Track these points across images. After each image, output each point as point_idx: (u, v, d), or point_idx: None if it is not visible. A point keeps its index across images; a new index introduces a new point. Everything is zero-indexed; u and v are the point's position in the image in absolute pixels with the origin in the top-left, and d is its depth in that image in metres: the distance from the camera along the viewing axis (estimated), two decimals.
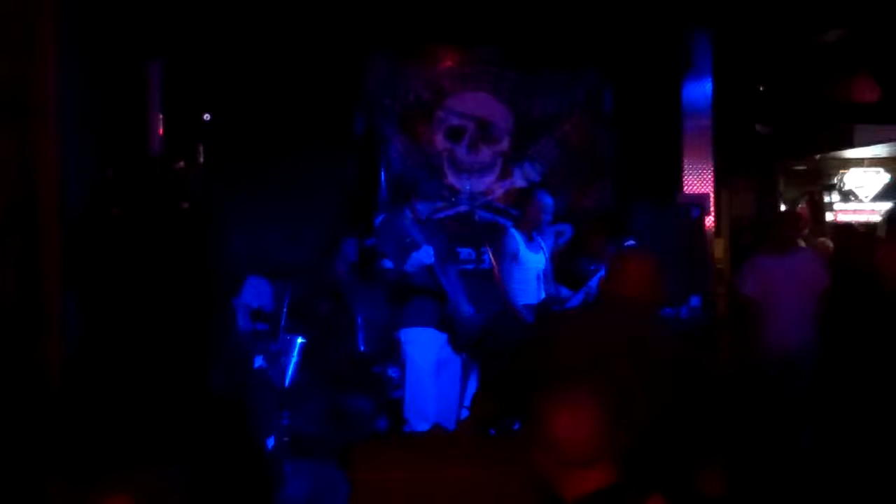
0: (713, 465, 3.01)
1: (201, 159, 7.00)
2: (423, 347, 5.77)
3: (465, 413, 5.56)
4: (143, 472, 3.53)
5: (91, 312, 4.23)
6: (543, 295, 6.43)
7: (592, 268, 6.38)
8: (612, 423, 2.34)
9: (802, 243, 7.60)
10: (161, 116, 6.25)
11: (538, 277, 6.46)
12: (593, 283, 6.15)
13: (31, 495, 3.38)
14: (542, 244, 6.55)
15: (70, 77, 4.15)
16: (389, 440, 5.52)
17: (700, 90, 7.68)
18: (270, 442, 5.94)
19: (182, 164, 5.02)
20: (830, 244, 8.38)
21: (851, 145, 9.99)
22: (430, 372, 5.76)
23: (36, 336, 3.80)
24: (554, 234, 6.83)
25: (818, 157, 10.67)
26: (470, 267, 7.31)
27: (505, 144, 8.09)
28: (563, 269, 6.87)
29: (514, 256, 6.41)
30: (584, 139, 8.08)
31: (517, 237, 6.50)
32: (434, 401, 5.74)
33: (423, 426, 5.60)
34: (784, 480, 5.08)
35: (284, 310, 6.62)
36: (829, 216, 11.03)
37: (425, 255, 5.64)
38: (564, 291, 6.56)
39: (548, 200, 6.55)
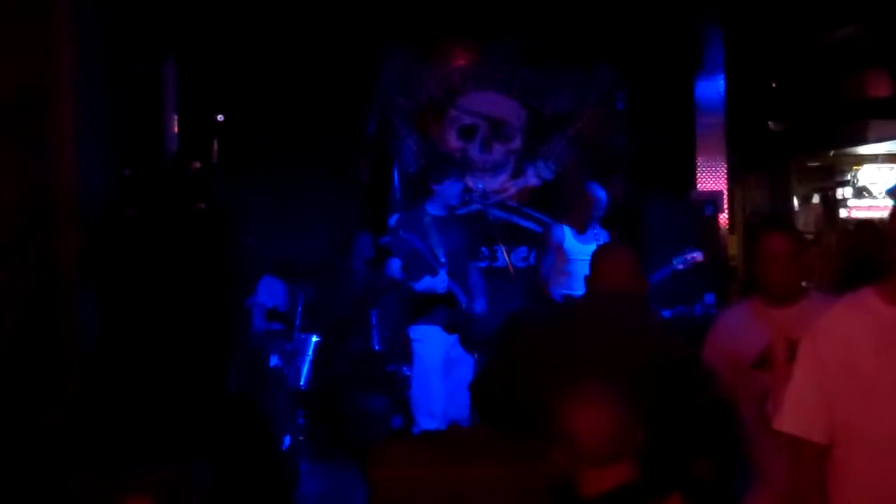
0: (704, 452, 3.04)
1: (215, 159, 7.02)
2: (431, 345, 5.78)
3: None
4: (163, 470, 3.55)
5: (109, 311, 4.25)
6: None
7: None
8: (630, 420, 2.35)
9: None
10: (176, 117, 6.27)
11: None
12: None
13: (53, 492, 3.40)
14: (599, 236, 6.50)
15: (86, 78, 4.17)
16: (408, 438, 5.52)
17: (713, 87, 7.66)
18: (286, 441, 5.96)
19: (198, 164, 5.03)
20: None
21: (865, 141, 9.95)
22: (438, 370, 5.77)
23: (55, 334, 3.82)
24: None
25: (832, 153, 10.62)
26: (484, 265, 7.32)
27: (517, 143, 8.08)
28: None
29: (558, 248, 6.39)
30: (596, 137, 8.07)
31: (564, 228, 6.46)
32: (442, 399, 5.74)
33: (432, 424, 5.61)
34: None
35: (299, 309, 6.65)
36: (842, 213, 10.99)
37: (440, 282, 5.67)
38: None
39: (599, 193, 6.48)
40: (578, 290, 6.24)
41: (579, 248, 6.39)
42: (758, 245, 3.37)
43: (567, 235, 6.40)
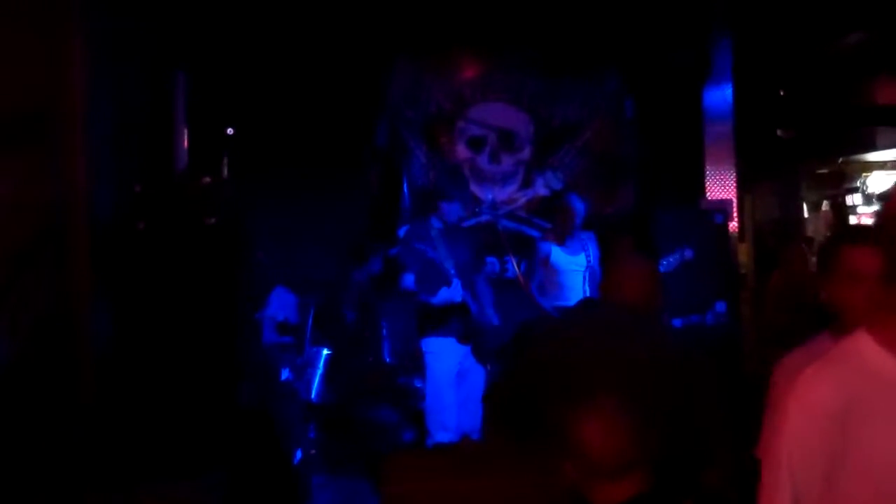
0: (715, 461, 3.03)
1: (226, 173, 7.05)
2: (444, 357, 5.78)
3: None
4: (176, 483, 3.56)
5: (121, 325, 4.26)
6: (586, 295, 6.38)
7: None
8: (643, 431, 2.34)
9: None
10: (186, 131, 6.29)
11: (582, 279, 6.42)
12: None
13: None
14: (587, 245, 6.50)
15: (98, 93, 4.19)
16: (418, 451, 5.52)
17: (721, 95, 7.64)
18: (298, 454, 5.96)
19: (208, 178, 5.05)
20: None
21: (874, 148, 9.95)
22: (450, 382, 5.77)
23: (68, 349, 3.84)
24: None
25: (841, 160, 10.62)
26: (494, 275, 7.31)
27: (526, 153, 8.09)
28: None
29: (545, 261, 6.41)
30: (605, 146, 8.07)
31: (549, 243, 6.50)
32: (455, 411, 5.74)
33: (445, 436, 5.60)
34: None
35: (310, 322, 6.66)
36: (852, 220, 10.97)
37: (454, 292, 5.68)
38: None
39: (578, 205, 6.52)
40: (571, 300, 6.28)
41: (567, 259, 6.40)
42: (836, 264, 2.60)
43: (553, 249, 6.42)
